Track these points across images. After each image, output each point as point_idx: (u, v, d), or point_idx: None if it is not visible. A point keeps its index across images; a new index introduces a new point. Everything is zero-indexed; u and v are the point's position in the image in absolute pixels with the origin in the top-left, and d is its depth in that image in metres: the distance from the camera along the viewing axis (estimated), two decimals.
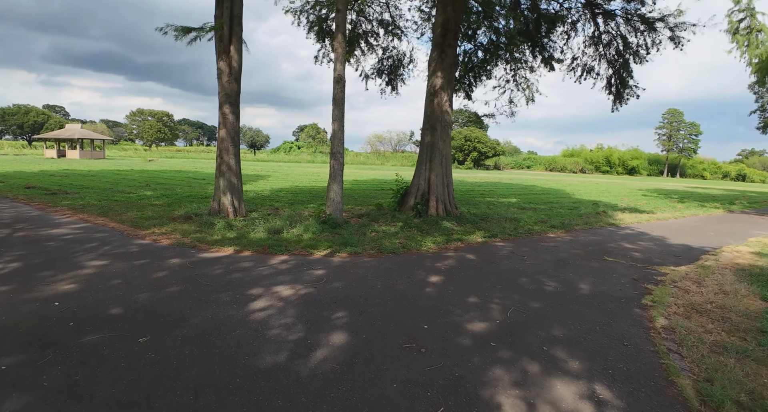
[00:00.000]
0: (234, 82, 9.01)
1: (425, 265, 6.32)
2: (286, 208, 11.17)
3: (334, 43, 8.72)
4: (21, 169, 21.59)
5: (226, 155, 9.07)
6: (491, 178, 35.30)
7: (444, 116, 10.36)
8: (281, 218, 9.06)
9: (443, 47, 10.30)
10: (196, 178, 20.01)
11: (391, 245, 7.38)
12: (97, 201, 11.09)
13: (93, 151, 45.98)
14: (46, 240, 6.72)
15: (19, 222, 8.11)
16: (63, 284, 4.68)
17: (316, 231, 8.10)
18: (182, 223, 8.50)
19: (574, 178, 46.28)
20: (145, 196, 12.39)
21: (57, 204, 10.52)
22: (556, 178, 43.91)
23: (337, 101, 8.64)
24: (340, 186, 8.89)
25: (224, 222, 8.38)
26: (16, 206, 10.18)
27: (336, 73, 8.61)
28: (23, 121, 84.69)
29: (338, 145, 8.77)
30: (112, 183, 16.10)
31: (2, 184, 14.19)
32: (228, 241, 7.14)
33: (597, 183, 35.87)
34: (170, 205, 10.92)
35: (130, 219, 8.76)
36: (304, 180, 21.93)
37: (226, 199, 9.07)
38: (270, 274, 5.41)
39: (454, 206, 10.69)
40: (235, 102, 9.09)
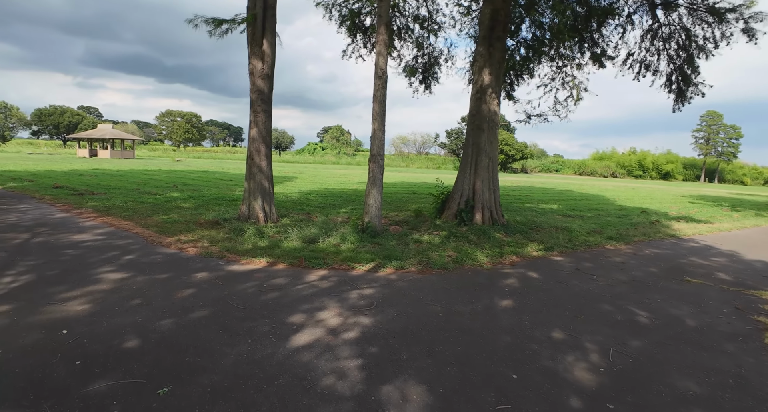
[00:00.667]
0: (267, 78, 8.37)
1: (484, 284, 5.48)
2: (318, 213, 10.47)
3: (376, 34, 7.98)
4: (52, 168, 21.65)
5: (258, 157, 8.43)
6: (521, 182, 33.99)
7: (492, 116, 9.49)
8: (315, 225, 8.35)
9: (491, 41, 9.42)
10: (223, 179, 19.61)
11: (440, 259, 6.57)
12: (123, 203, 10.63)
13: (123, 151, 46.67)
14: (64, 247, 6.16)
15: (40, 226, 7.64)
16: (75, 303, 4.04)
17: (355, 241, 7.35)
18: (210, 229, 7.88)
19: (608, 183, 44.35)
20: (171, 198, 11.91)
21: (82, 205, 10.10)
22: (589, 182, 42.14)
23: (377, 98, 7.88)
24: (380, 192, 8.12)
25: (255, 229, 7.72)
26: (41, 208, 9.79)
27: (378, 68, 7.86)
28: (59, 122, 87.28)
29: (379, 146, 8.01)
30: (140, 183, 15.78)
31: (31, 184, 13.99)
32: (260, 251, 6.45)
33: (634, 188, 34.15)
34: (197, 208, 10.37)
35: (155, 223, 8.20)
36: (332, 182, 21.30)
37: (256, 203, 8.41)
38: (310, 294, 4.67)
39: (501, 213, 9.79)
40: (267, 99, 8.44)
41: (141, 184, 15.63)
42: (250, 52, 8.39)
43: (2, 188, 13.06)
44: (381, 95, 7.88)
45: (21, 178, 15.60)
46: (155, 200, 11.33)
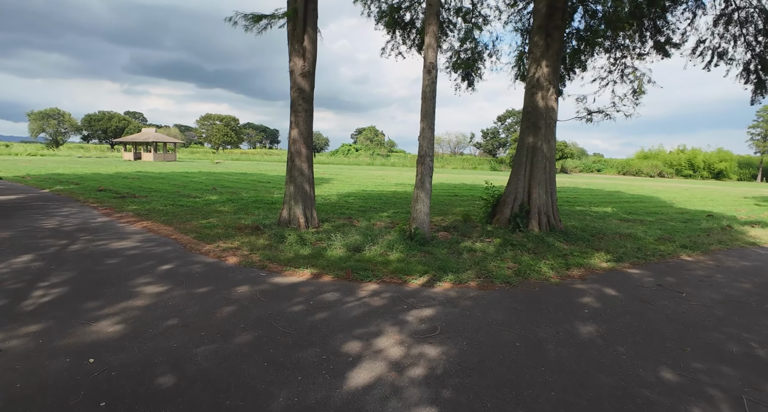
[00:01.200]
0: (308, 76, 7.92)
1: (558, 303, 4.76)
2: (360, 217, 9.96)
3: (425, 25, 7.37)
4: (98, 171, 22.24)
5: (298, 159, 7.99)
6: (564, 182, 32.42)
7: (549, 112, 8.69)
8: (358, 231, 7.83)
9: (548, 30, 8.63)
10: (261, 182, 19.50)
11: (500, 271, 5.89)
12: (163, 206, 10.48)
13: (165, 153, 48.03)
14: (101, 256, 5.88)
15: (80, 231, 7.47)
16: (107, 323, 3.64)
17: (403, 249, 6.76)
18: (249, 235, 7.49)
19: (657, 183, 41.89)
20: (210, 201, 11.71)
21: (123, 209, 10.00)
22: (637, 182, 39.87)
23: (426, 95, 7.28)
24: (429, 196, 7.51)
25: (296, 235, 7.27)
26: (83, 211, 9.74)
27: (427, 62, 7.26)
28: (107, 126, 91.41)
29: (427, 147, 7.40)
30: (180, 186, 15.80)
31: (77, 187, 14.20)
32: (303, 260, 5.97)
33: (687, 189, 31.96)
34: (236, 212, 10.08)
35: (194, 228, 7.90)
36: (369, 184, 20.83)
37: (297, 208, 7.98)
38: (363, 315, 4.11)
39: (558, 219, 8.96)
40: (308, 99, 7.99)
41: (181, 186, 15.65)
42: (290, 49, 7.97)
43: (49, 191, 13.29)
44: (430, 91, 7.27)
45: (68, 181, 15.94)
46: (194, 203, 11.15)
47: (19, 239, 6.70)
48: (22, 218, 8.55)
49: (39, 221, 8.30)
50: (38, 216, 8.90)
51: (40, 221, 8.30)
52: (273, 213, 9.67)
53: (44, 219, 8.56)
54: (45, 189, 13.71)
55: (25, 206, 10.16)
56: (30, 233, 7.14)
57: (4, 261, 5.41)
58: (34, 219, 8.50)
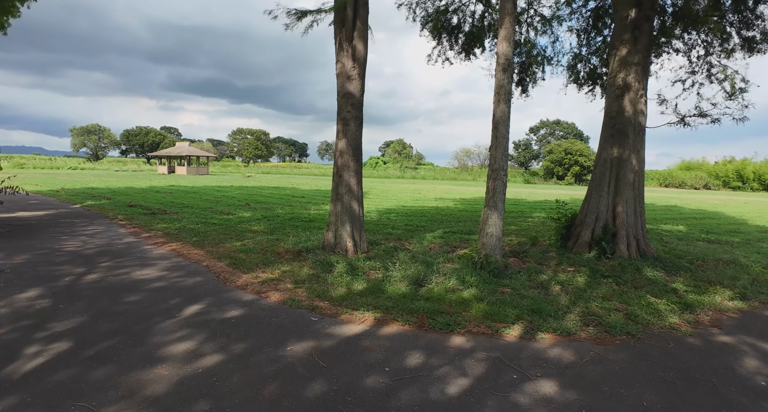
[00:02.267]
0: (358, 78, 6.91)
1: (716, 369, 3.45)
2: (409, 238, 8.81)
3: (501, 14, 6.26)
4: (132, 185, 21.97)
5: (347, 173, 6.93)
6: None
7: (638, 118, 7.37)
8: (416, 258, 6.68)
9: (636, 23, 7.37)
10: (295, 196, 18.67)
11: (609, 316, 4.62)
12: (194, 224, 9.63)
13: (198, 167, 48.46)
14: (121, 290, 4.91)
15: (101, 255, 6.59)
16: (114, 410, 2.59)
17: (476, 282, 5.56)
18: (291, 261, 6.45)
19: (708, 196, 39.00)
20: (244, 219, 10.82)
21: (151, 227, 9.18)
22: (685, 195, 37.15)
23: (501, 97, 6.12)
24: (502, 217, 6.30)
25: (345, 263, 6.18)
26: (110, 229, 8.97)
27: (502, 58, 6.12)
28: (144, 141, 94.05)
29: (502, 158, 6.22)
30: (212, 202, 15.07)
31: (108, 202, 13.64)
32: (360, 298, 4.85)
33: (746, 202, 29.37)
34: (272, 231, 9.10)
35: (228, 253, 6.92)
36: (407, 198, 19.68)
37: (344, 230, 6.90)
38: (463, 393, 2.93)
39: (648, 243, 7.57)
40: (358, 105, 6.97)
41: (213, 202, 14.91)
42: (337, 49, 7.00)
43: (80, 207, 12.74)
44: (505, 93, 6.12)
45: (100, 196, 15.48)
46: (227, 221, 10.26)
47: (33, 265, 5.85)
48: (45, 238, 7.80)
49: (61, 242, 7.52)
50: (62, 235, 8.15)
51: (63, 242, 7.52)
52: (313, 234, 8.64)
53: (67, 239, 7.78)
54: (76, 204, 13.19)
55: (52, 224, 9.49)
56: (47, 258, 6.30)
57: (7, 297, 4.50)
58: (57, 239, 7.74)
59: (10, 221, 9.81)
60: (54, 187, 19.57)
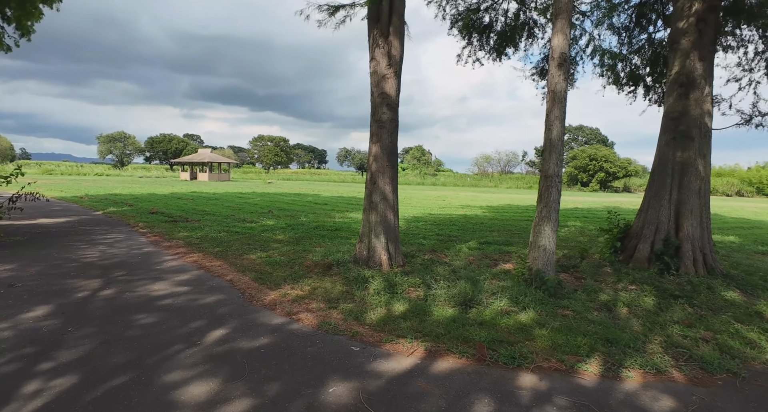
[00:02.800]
0: (393, 77, 6.36)
1: None
2: (443, 249, 8.19)
3: (556, 4, 5.64)
4: (154, 192, 21.89)
5: (381, 180, 6.37)
6: (621, 203, 28.93)
7: (704, 119, 6.63)
8: (456, 274, 6.06)
9: (701, 14, 6.65)
10: (317, 203, 18.22)
11: (697, 347, 3.93)
12: (216, 233, 9.19)
13: (220, 173, 48.72)
14: (136, 309, 4.42)
15: (118, 267, 6.15)
16: None
17: (530, 302, 4.91)
18: (321, 275, 5.89)
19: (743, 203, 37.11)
20: (267, 227, 10.36)
21: (172, 236, 8.77)
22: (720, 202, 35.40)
23: (557, 95, 5.49)
24: (555, 228, 5.64)
25: (381, 279, 5.60)
26: (130, 237, 8.60)
27: (557, 52, 5.49)
28: (167, 148, 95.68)
29: (556, 163, 5.57)
30: (234, 209, 14.71)
31: (130, 209, 13.39)
32: (403, 322, 4.25)
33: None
34: (298, 241, 8.59)
35: (252, 265, 6.42)
36: (432, 206, 19.02)
37: (378, 242, 6.32)
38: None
39: (715, 258, 6.78)
40: (394, 105, 6.42)
41: (236, 209, 14.54)
42: (371, 45, 6.47)
43: (102, 213, 12.50)
44: (561, 91, 5.48)
45: (123, 202, 15.29)
46: (251, 230, 9.80)
47: (45, 278, 5.44)
48: (63, 247, 7.44)
49: (78, 251, 7.14)
50: (80, 244, 7.79)
51: (80, 251, 7.14)
52: (341, 244, 8.10)
53: (85, 248, 7.40)
54: (98, 211, 12.97)
55: (72, 231, 9.18)
56: (62, 269, 5.89)
57: (13, 317, 4.05)
58: (74, 248, 7.37)
59: (30, 228, 9.54)
60: (78, 193, 19.58)
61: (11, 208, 8.68)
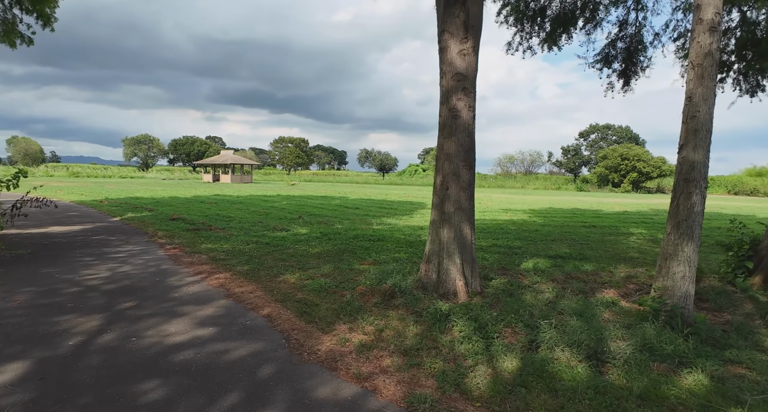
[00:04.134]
0: (472, 52, 5.00)
1: None
2: (512, 266, 6.80)
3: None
4: (176, 195, 21.00)
5: (456, 186, 5.00)
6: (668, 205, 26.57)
7: None
8: (552, 305, 4.66)
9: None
10: (348, 207, 16.95)
11: None
12: (244, 245, 7.98)
13: (243, 175, 48.13)
14: (143, 371, 3.14)
15: (128, 293, 4.94)
16: None
17: (683, 355, 3.50)
18: (383, 308, 4.57)
19: None
20: (301, 237, 9.11)
21: (195, 248, 7.60)
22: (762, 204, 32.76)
23: (707, 69, 4.04)
24: (697, 248, 4.19)
25: (464, 316, 4.24)
26: (147, 250, 7.45)
27: (710, 11, 4.04)
28: (190, 150, 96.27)
29: (702, 163, 4.12)
30: (261, 214, 13.54)
31: (149, 215, 12.35)
32: (526, 395, 2.88)
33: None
34: (339, 254, 7.31)
35: (292, 290, 5.14)
36: None
37: (452, 264, 4.95)
38: None
39: None
40: (471, 88, 5.05)
41: (263, 215, 13.36)
42: (440, 15, 5.12)
43: (119, 220, 11.48)
44: (712, 64, 4.03)
45: (143, 207, 14.30)
46: (282, 241, 8.56)
47: (34, 312, 4.25)
48: (68, 263, 6.32)
49: (84, 269, 5.99)
50: (89, 259, 6.66)
51: (86, 269, 5.99)
52: (391, 259, 6.78)
53: (93, 265, 6.26)
54: (116, 217, 11.96)
55: (83, 242, 8.10)
56: (57, 297, 4.72)
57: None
58: (81, 265, 6.23)
59: (39, 238, 8.51)
60: (99, 196, 18.79)
61: (15, 215, 7.65)
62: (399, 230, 10.80)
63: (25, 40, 10.04)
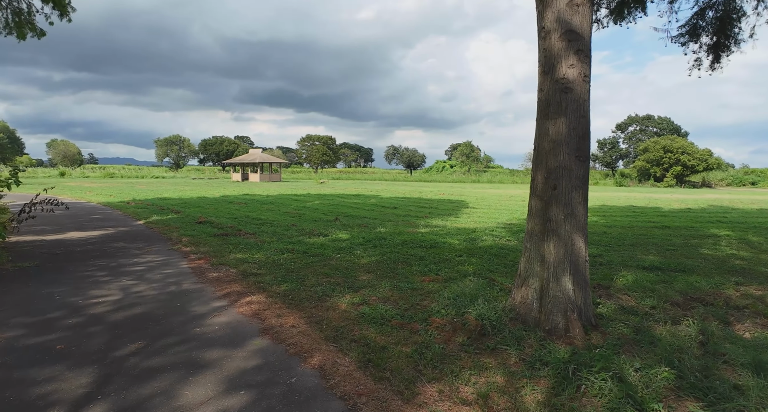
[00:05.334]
0: (586, 2, 3.67)
1: None
2: (606, 280, 5.44)
3: None
4: (205, 195, 20.28)
5: (567, 182, 3.67)
6: (737, 202, 24.05)
7: None
8: (706, 349, 3.31)
9: None
10: (385, 206, 15.74)
11: None
12: (279, 254, 6.88)
13: (271, 174, 47.71)
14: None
15: (137, 327, 3.85)
16: None
17: None
18: (475, 354, 3.31)
19: None
20: (342, 243, 7.96)
21: (223, 259, 6.54)
22: None
23: None
24: None
25: (599, 369, 2.95)
26: (168, 262, 6.44)
27: None
28: (219, 150, 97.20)
29: None
30: (294, 215, 12.48)
31: (175, 217, 11.47)
32: None
33: None
34: (392, 267, 6.10)
35: (346, 324, 3.94)
36: (515, 207, 16.00)
37: (559, 289, 3.64)
38: None
39: None
40: (586, 51, 3.72)
41: (296, 216, 12.29)
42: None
43: (143, 223, 10.62)
44: None
45: (169, 209, 13.48)
46: (322, 249, 7.41)
47: (6, 362, 3.20)
48: (74, 280, 5.34)
49: (92, 289, 4.98)
50: (100, 274, 5.68)
51: (94, 289, 4.98)
52: (455, 272, 5.53)
53: (104, 282, 5.26)
54: (140, 220, 11.12)
55: (98, 252, 7.17)
56: (47, 335, 3.66)
57: None
58: (89, 283, 5.23)
59: (53, 246, 7.65)
60: (127, 197, 18.22)
61: (23, 220, 6.79)
62: (449, 233, 9.51)
63: (36, 32, 9.25)
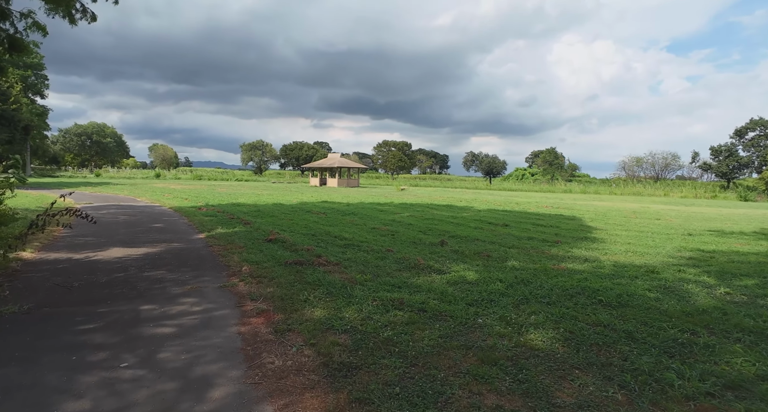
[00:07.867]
0: None
1: None
2: None
3: None
4: (281, 202, 18.60)
5: None
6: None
7: None
8: None
9: None
10: (492, 223, 12.68)
11: None
12: (380, 311, 4.29)
13: (349, 179, 46.39)
14: None
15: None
16: None
17: None
18: None
19: None
20: (471, 288, 5.20)
21: (294, 313, 4.09)
22: None
23: None
24: None
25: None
26: (211, 318, 4.12)
27: None
28: (299, 155, 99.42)
29: None
30: (384, 233, 9.91)
31: (243, 231, 9.43)
32: None
33: None
34: (577, 348, 3.24)
35: None
36: (657, 229, 12.18)
37: None
38: None
39: None
40: None
41: (387, 235, 9.70)
42: None
43: (204, 237, 8.68)
44: None
45: (239, 219, 11.61)
46: (448, 302, 4.72)
47: None
48: (61, 348, 3.13)
49: (79, 374, 2.70)
50: (106, 336, 3.44)
51: (82, 374, 2.70)
52: (710, 369, 2.57)
53: (100, 362, 2.98)
54: (201, 234, 9.22)
55: (123, 286, 5.08)
56: None
57: None
58: (79, 361, 2.98)
59: (76, 271, 5.73)
60: (201, 202, 16.99)
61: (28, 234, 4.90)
62: (617, 274, 6.37)
63: (87, 17, 7.66)
